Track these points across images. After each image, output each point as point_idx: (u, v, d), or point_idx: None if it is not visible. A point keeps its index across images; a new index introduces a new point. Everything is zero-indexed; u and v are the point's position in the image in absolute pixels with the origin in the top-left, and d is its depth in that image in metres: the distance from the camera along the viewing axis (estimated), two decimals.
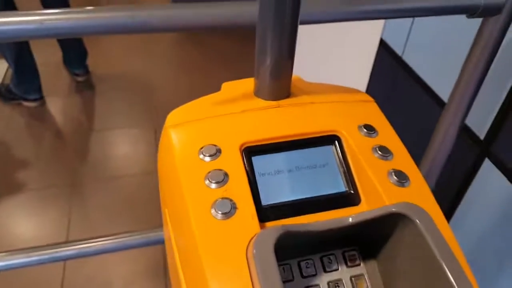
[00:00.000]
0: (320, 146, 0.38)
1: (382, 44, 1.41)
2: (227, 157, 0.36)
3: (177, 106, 0.41)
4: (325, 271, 0.36)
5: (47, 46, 2.24)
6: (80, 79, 2.33)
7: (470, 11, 0.57)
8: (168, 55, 2.62)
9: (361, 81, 1.46)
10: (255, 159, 0.37)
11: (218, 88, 0.43)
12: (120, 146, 2.05)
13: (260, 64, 0.39)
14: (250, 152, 0.37)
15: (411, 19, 1.14)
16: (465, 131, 0.80)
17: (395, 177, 0.35)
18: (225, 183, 0.34)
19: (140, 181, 1.82)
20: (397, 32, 1.34)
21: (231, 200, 0.33)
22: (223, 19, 0.38)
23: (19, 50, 1.93)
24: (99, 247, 0.83)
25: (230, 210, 0.32)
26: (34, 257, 0.79)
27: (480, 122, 0.78)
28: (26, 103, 2.14)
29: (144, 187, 1.79)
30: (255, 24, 0.37)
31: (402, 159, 0.37)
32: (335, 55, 1.82)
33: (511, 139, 0.71)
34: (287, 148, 0.38)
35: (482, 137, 0.77)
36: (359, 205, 0.36)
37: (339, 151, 0.38)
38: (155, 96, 2.26)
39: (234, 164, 0.35)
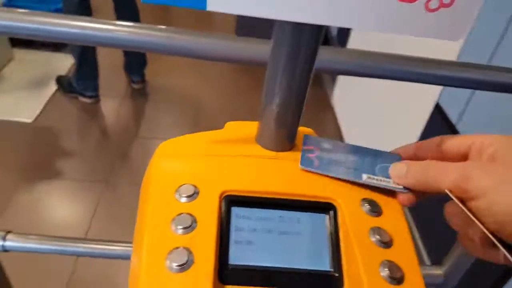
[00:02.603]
0: (311, 212, 0.33)
1: (437, 109, 1.33)
2: (203, 202, 0.32)
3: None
4: None
5: (112, 49, 2.37)
6: (136, 86, 2.44)
7: None
8: (221, 78, 2.69)
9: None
10: (235, 210, 0.33)
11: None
12: None
13: (265, 109, 0.35)
14: (231, 201, 0.33)
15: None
16: None
17: (388, 272, 0.29)
18: (191, 231, 0.30)
19: None
20: (455, 99, 1.25)
21: (190, 252, 0.29)
22: (235, 54, 0.35)
23: (85, 48, 2.05)
24: (118, 251, 0.80)
25: (186, 262, 0.29)
26: (53, 246, 0.78)
27: None
28: (82, 98, 2.27)
29: None
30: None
31: (402, 251, 0.31)
32: (385, 111, 1.75)
33: None
34: (274, 206, 0.33)
35: None
36: None
37: (332, 223, 0.33)
38: (200, 114, 2.30)
39: (208, 211, 0.32)
